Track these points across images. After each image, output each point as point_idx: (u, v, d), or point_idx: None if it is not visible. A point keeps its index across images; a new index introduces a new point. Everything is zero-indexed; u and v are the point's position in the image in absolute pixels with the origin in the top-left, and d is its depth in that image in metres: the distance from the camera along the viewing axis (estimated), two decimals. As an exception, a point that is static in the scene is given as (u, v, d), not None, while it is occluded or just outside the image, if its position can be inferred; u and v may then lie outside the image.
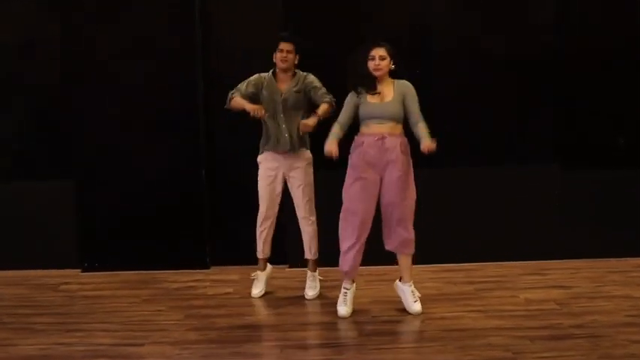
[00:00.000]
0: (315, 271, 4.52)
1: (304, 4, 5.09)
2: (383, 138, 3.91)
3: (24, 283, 4.98)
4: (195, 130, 5.20)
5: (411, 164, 4.01)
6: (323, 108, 4.18)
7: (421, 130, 3.89)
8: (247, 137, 4.61)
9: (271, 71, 4.38)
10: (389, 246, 4.07)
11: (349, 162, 4.02)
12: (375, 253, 4.22)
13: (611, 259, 5.14)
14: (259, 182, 4.43)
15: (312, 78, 4.34)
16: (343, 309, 4.01)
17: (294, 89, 4.30)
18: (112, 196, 5.24)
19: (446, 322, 3.89)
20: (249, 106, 4.20)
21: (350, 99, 4.03)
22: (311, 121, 4.15)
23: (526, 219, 5.23)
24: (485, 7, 5.12)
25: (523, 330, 3.71)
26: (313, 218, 4.43)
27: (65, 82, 5.21)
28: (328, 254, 4.35)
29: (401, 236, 4.00)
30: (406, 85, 4.01)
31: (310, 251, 4.48)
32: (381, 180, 3.97)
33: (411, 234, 4.02)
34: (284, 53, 4.25)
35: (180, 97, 5.17)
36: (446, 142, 5.01)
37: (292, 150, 4.32)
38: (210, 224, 5.31)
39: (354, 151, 3.98)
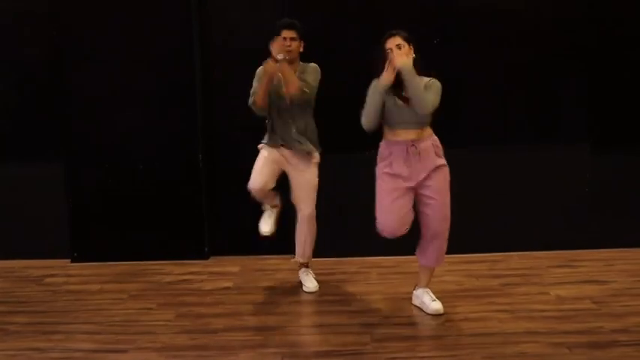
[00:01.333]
0: (307, 267, 4.18)
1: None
2: (412, 145, 3.45)
3: (6, 276, 4.60)
4: (193, 114, 4.78)
5: (448, 171, 3.57)
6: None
7: None
8: (247, 121, 4.17)
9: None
10: (423, 262, 3.66)
11: (377, 173, 3.56)
12: (387, 243, 3.76)
13: (647, 248, 4.68)
14: (257, 161, 3.97)
15: (310, 68, 3.92)
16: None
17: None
18: (105, 182, 4.86)
19: (469, 324, 3.43)
20: (262, 70, 3.80)
21: (374, 84, 3.45)
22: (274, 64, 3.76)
23: (553, 205, 4.81)
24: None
25: (558, 335, 3.24)
26: (314, 219, 4.04)
27: (55, 60, 4.79)
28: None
29: (436, 251, 3.59)
30: (431, 83, 3.46)
31: (304, 254, 4.10)
32: (417, 193, 3.53)
33: (445, 247, 3.61)
34: (287, 41, 3.80)
35: (177, 80, 4.75)
36: (470, 124, 4.67)
37: (299, 149, 3.93)
38: (209, 211, 4.90)
39: (382, 162, 3.54)
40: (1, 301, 4.06)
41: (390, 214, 3.46)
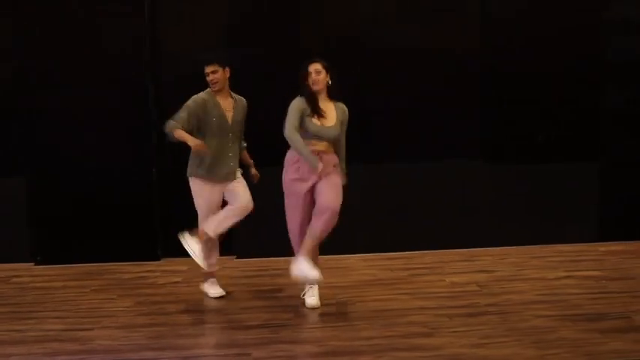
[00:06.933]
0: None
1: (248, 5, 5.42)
2: (319, 155, 4.06)
3: (-25, 277, 5.14)
4: (148, 131, 5.41)
5: (340, 178, 4.20)
6: (246, 156, 4.49)
7: (340, 155, 4.23)
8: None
9: (207, 92, 4.32)
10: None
11: (283, 179, 4.16)
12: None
13: (536, 245, 5.57)
14: (197, 199, 4.39)
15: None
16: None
17: (239, 118, 4.37)
18: (65, 192, 5.43)
19: (376, 303, 4.24)
20: (192, 142, 4.13)
21: (297, 105, 4.07)
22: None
23: (460, 210, 5.64)
24: (419, 14, 5.52)
25: (444, 309, 4.09)
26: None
27: (17, 82, 5.38)
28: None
29: (322, 224, 4.05)
30: (344, 112, 4.18)
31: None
32: (314, 187, 4.10)
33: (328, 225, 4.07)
34: (209, 76, 4.24)
35: (131, 95, 5.40)
36: (391, 143, 5.47)
37: (233, 178, 4.37)
38: (161, 217, 5.54)
39: (289, 168, 4.13)
40: (-24, 296, 4.64)
41: (297, 226, 4.12)
